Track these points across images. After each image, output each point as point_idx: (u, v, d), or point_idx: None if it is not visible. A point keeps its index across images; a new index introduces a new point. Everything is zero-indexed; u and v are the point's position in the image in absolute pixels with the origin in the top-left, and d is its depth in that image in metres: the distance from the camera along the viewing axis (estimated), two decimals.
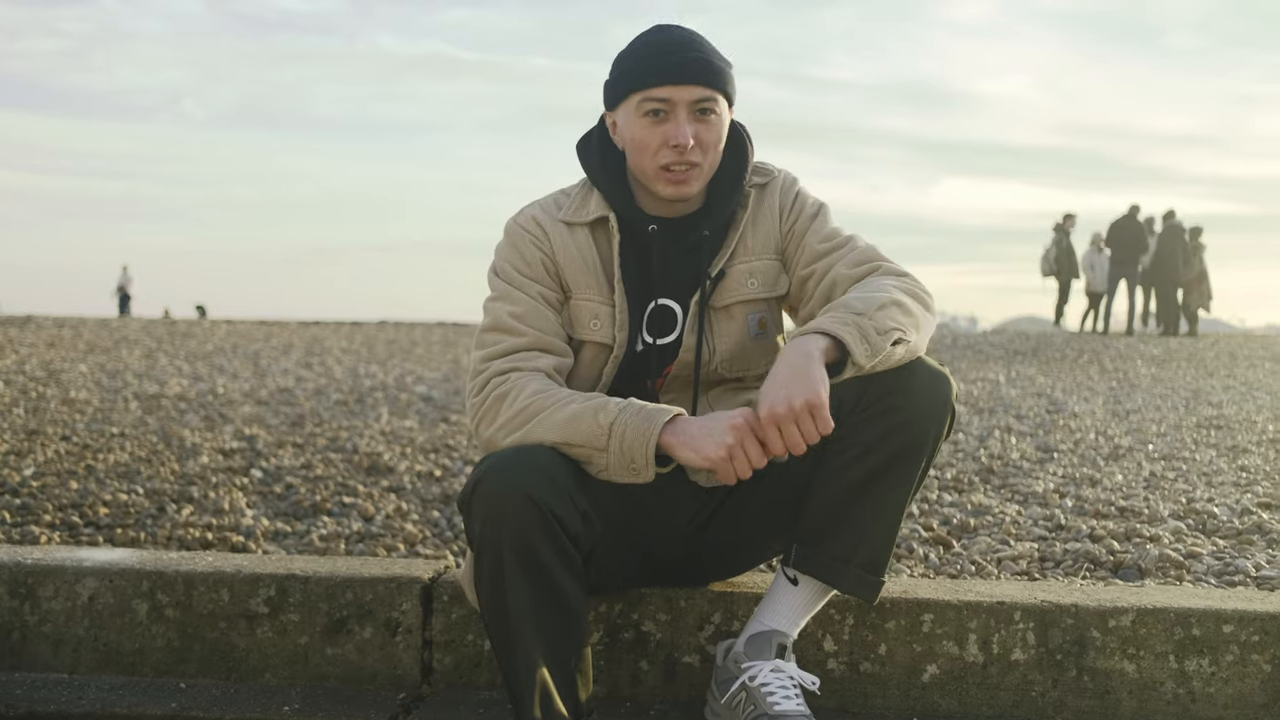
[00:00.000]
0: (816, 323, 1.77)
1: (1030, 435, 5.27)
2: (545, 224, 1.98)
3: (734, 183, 1.99)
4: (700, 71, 1.88)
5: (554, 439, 1.78)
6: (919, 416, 1.82)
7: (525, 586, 1.71)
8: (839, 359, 1.75)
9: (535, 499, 1.69)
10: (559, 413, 1.79)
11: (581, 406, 1.78)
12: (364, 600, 2.16)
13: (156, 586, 2.19)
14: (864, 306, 1.78)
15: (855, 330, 1.74)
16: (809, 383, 1.69)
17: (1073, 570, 2.58)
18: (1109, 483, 3.85)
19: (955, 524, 3.11)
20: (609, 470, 1.77)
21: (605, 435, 1.75)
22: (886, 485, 1.84)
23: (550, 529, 1.71)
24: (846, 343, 1.73)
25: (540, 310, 1.93)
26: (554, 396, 1.81)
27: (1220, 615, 2.05)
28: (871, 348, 1.75)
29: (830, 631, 2.10)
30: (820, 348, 1.73)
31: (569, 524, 1.73)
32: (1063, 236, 17.38)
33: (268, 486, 3.81)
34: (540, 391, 1.82)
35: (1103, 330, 16.78)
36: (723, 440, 1.71)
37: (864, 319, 1.76)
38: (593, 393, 1.86)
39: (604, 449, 1.76)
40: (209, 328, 16.31)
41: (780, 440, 1.71)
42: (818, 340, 1.74)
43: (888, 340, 1.76)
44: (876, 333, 1.75)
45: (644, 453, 1.74)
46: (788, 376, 1.70)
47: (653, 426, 1.74)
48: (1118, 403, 6.90)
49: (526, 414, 1.81)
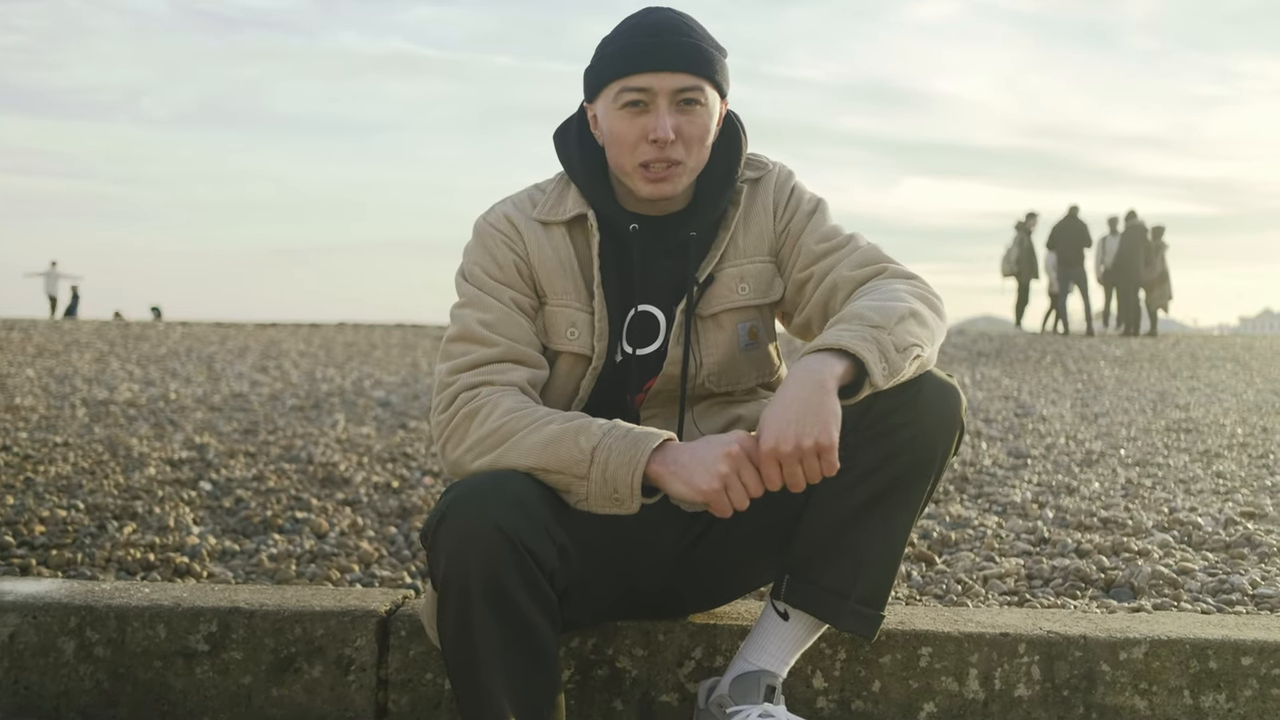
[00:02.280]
0: (833, 337, 1.60)
1: (1001, 440, 5.22)
2: (518, 223, 1.82)
3: (725, 179, 1.83)
4: (684, 57, 1.72)
5: (529, 464, 1.62)
6: (926, 434, 1.67)
7: (495, 629, 1.55)
8: (855, 379, 1.60)
9: (507, 532, 1.53)
10: (535, 435, 1.63)
11: (561, 428, 1.62)
12: (314, 636, 1.99)
13: (85, 622, 2.01)
14: (882, 319, 1.62)
15: (875, 348, 1.58)
16: (821, 421, 1.53)
17: (1064, 589, 2.49)
18: (1086, 491, 3.80)
19: (935, 538, 3.02)
20: (589, 500, 1.61)
21: (587, 461, 1.59)
22: (889, 509, 1.69)
23: (523, 566, 1.54)
24: (866, 363, 1.57)
25: (513, 318, 1.77)
26: (530, 416, 1.65)
27: (1239, 646, 1.92)
28: (890, 367, 1.60)
29: (820, 667, 1.96)
30: (836, 374, 1.57)
31: (544, 560, 1.57)
32: (1024, 236, 17.43)
33: (216, 500, 3.65)
34: (514, 410, 1.66)
35: (1063, 331, 16.84)
36: (716, 469, 1.55)
37: (883, 334, 1.60)
38: (573, 412, 1.70)
39: (585, 477, 1.60)
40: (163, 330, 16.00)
41: (779, 478, 1.56)
42: (833, 364, 1.57)
43: (908, 358, 1.61)
44: (896, 350, 1.60)
45: (629, 482, 1.58)
46: (799, 411, 1.54)
47: (640, 453, 1.58)
48: (1085, 405, 6.87)
49: (499, 435, 1.64)
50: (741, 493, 1.56)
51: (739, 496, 1.56)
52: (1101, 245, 17.38)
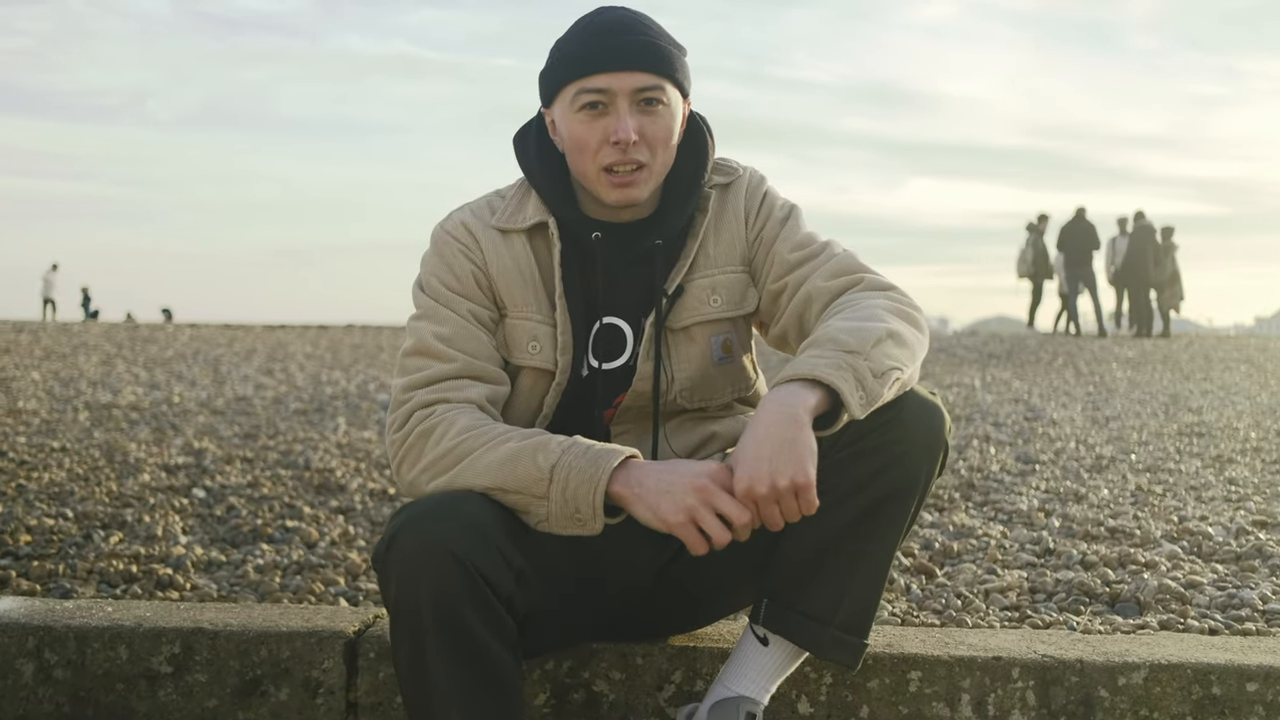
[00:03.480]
0: (806, 365, 1.51)
1: (1010, 445, 5.15)
2: (476, 231, 1.74)
3: (691, 184, 1.75)
4: (642, 55, 1.64)
5: (486, 484, 1.54)
6: (908, 455, 1.59)
7: (449, 660, 1.48)
8: (831, 408, 1.52)
9: (460, 557, 1.45)
10: (492, 453, 1.55)
11: (519, 446, 1.55)
12: (280, 657, 1.92)
13: (44, 643, 1.95)
14: (857, 342, 1.53)
15: (851, 376, 1.50)
16: (796, 459, 1.46)
17: (1067, 604, 2.41)
18: (1095, 498, 3.73)
19: (938, 548, 2.95)
20: (550, 521, 1.54)
21: (546, 480, 1.52)
22: (871, 533, 1.61)
23: (477, 591, 1.47)
24: (842, 394, 1.49)
25: (471, 331, 1.69)
26: (486, 434, 1.58)
27: (1244, 672, 1.84)
28: (868, 395, 1.51)
29: (805, 691, 1.88)
30: (809, 406, 1.48)
31: (500, 586, 1.49)
32: (1037, 238, 17.36)
33: (208, 509, 3.61)
34: (470, 429, 1.59)
35: (1075, 333, 16.74)
36: (683, 502, 1.48)
37: (859, 360, 1.51)
38: (533, 429, 1.62)
39: (544, 496, 1.52)
40: (172, 332, 16.02)
41: (755, 517, 1.48)
42: (806, 396, 1.49)
43: (886, 383, 1.53)
44: (874, 375, 1.51)
45: (591, 501, 1.50)
46: (773, 449, 1.46)
47: (601, 471, 1.51)
48: (1096, 409, 6.79)
49: (455, 455, 1.57)
50: (718, 527, 1.49)
51: (716, 530, 1.49)
52: (1111, 246, 17.30)
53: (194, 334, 15.64)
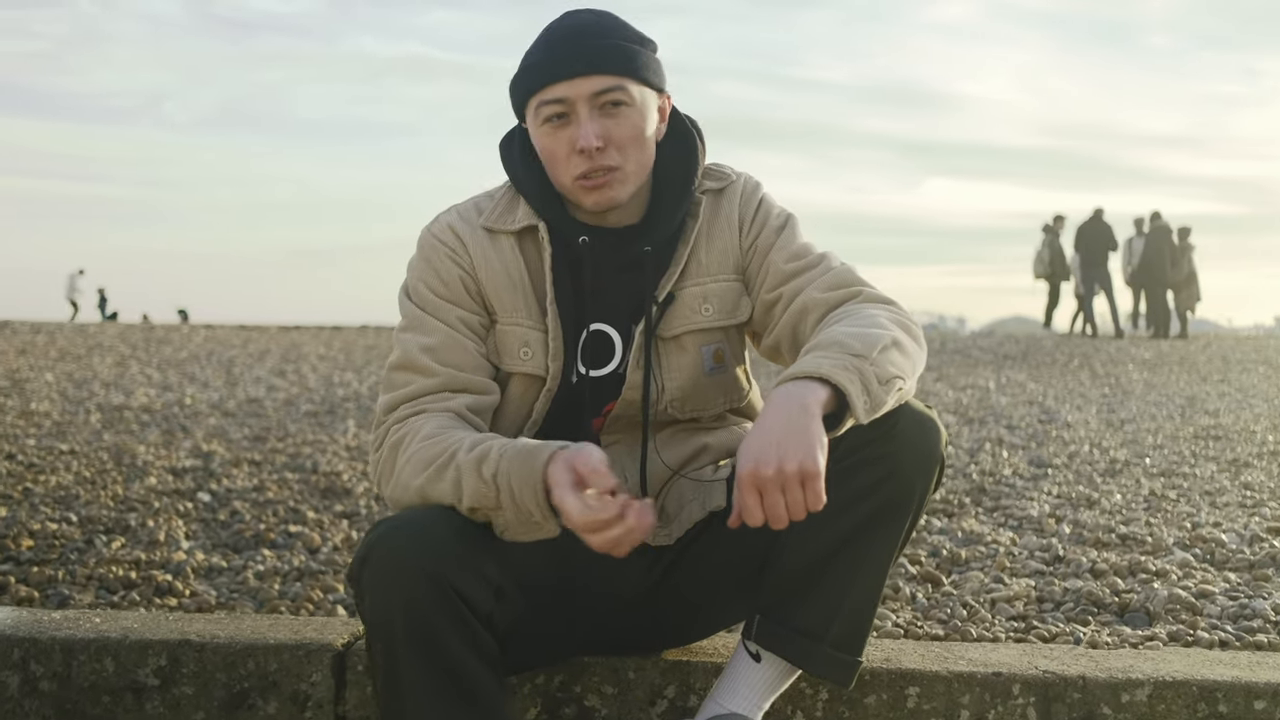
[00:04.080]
0: (811, 364, 1.45)
1: (1023, 448, 5.10)
2: (463, 233, 1.69)
3: (681, 188, 1.70)
4: (595, 58, 1.59)
5: (449, 502, 1.50)
6: (903, 470, 1.54)
7: (423, 676, 1.44)
8: (836, 410, 1.46)
9: (432, 574, 1.41)
10: (447, 470, 1.50)
11: (466, 459, 1.49)
12: (268, 670, 1.90)
13: (30, 655, 1.93)
14: (863, 347, 1.47)
15: (858, 379, 1.44)
16: (807, 444, 1.38)
17: (1074, 614, 2.37)
18: (1107, 503, 3.68)
19: (945, 555, 2.91)
20: (510, 529, 1.49)
21: (493, 491, 1.46)
22: (865, 549, 1.56)
23: (452, 609, 1.43)
24: (849, 394, 1.42)
25: (459, 341, 1.64)
26: (444, 443, 1.52)
27: (1251, 689, 1.79)
28: (873, 400, 1.45)
29: (800, 707, 1.84)
30: (820, 400, 1.42)
31: (477, 603, 1.45)
32: (1054, 238, 17.28)
33: (212, 513, 3.60)
34: (431, 437, 1.54)
35: (1092, 333, 16.64)
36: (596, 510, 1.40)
37: (865, 364, 1.46)
38: (482, 435, 1.55)
39: (497, 507, 1.47)
40: (187, 333, 16.06)
41: (760, 509, 1.40)
42: (817, 390, 1.42)
43: (890, 390, 1.48)
44: (879, 381, 1.45)
45: (535, 501, 1.44)
46: (782, 433, 1.38)
47: (534, 472, 1.44)
48: (1111, 411, 6.72)
49: (415, 465, 1.53)
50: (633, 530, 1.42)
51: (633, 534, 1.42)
52: (1128, 246, 17.20)
53: (209, 335, 15.67)
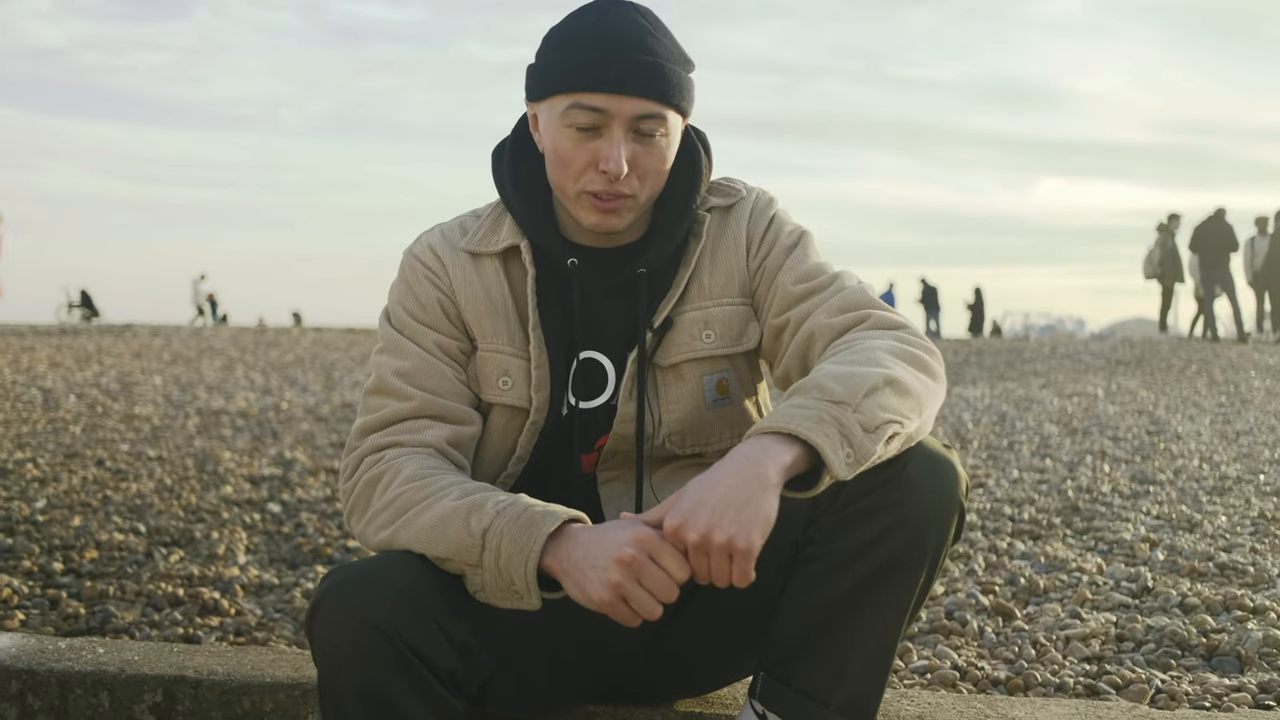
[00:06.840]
0: (783, 416, 1.30)
1: (1126, 462, 4.84)
2: (444, 255, 1.58)
3: (683, 206, 1.56)
4: (648, 80, 1.45)
5: (420, 549, 1.38)
6: (913, 520, 1.37)
7: None
8: (812, 466, 1.31)
9: (385, 631, 1.30)
10: (427, 513, 1.39)
11: (454, 505, 1.37)
12: (263, 709, 1.81)
13: (28, 687, 1.88)
14: (846, 391, 1.31)
15: (835, 431, 1.28)
16: (743, 520, 1.24)
17: (1154, 656, 2.18)
18: (1210, 526, 3.44)
19: (1022, 585, 2.73)
20: (486, 591, 1.36)
21: (478, 548, 1.34)
22: (873, 607, 1.40)
23: (409, 669, 1.31)
24: (823, 452, 1.27)
25: (435, 366, 1.54)
26: (429, 487, 1.41)
27: None
28: (857, 453, 1.29)
29: None
30: (782, 465, 1.27)
31: (437, 661, 1.34)
32: (1167, 238, 16.61)
33: (278, 525, 3.60)
34: (415, 479, 1.43)
35: (1213, 337, 15.93)
36: (607, 578, 1.28)
37: (846, 411, 1.30)
38: (478, 484, 1.43)
39: (478, 565, 1.35)
40: (296, 336, 16.38)
41: (686, 566, 1.28)
42: (780, 453, 1.28)
43: (880, 439, 1.31)
44: (864, 430, 1.29)
45: (523, 575, 1.32)
46: (722, 501, 1.25)
47: (533, 542, 1.32)
48: (1227, 422, 6.36)
49: (394, 509, 1.42)
50: (648, 601, 1.28)
51: (645, 606, 1.28)
52: (1250, 246, 16.41)
53: (317, 338, 15.95)
